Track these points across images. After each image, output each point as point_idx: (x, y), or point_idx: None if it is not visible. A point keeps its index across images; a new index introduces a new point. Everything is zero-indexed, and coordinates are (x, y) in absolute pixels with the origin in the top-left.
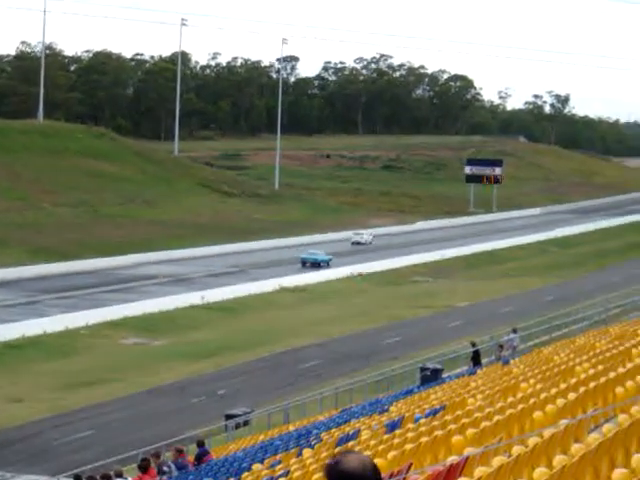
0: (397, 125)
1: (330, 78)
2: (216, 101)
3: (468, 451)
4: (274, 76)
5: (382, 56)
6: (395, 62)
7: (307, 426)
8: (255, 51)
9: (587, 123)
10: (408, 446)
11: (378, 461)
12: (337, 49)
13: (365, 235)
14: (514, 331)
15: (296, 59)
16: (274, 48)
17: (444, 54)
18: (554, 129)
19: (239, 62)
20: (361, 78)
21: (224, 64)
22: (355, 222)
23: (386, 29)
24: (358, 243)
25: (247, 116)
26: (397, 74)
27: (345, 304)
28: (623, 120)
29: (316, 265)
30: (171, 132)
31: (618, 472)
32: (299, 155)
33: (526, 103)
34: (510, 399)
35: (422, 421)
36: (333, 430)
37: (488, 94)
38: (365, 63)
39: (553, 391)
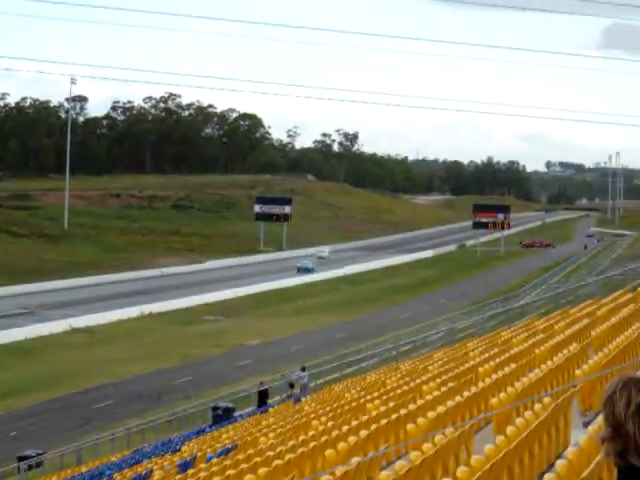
0: (186, 164)
1: (119, 118)
2: (4, 141)
3: None
4: (63, 116)
5: (170, 95)
6: (184, 101)
7: (100, 467)
8: (44, 91)
9: (376, 161)
10: None
11: None
12: (126, 89)
13: (326, 251)
14: (303, 369)
15: (85, 99)
16: (63, 88)
17: (233, 93)
18: (343, 167)
19: (28, 102)
20: (150, 117)
21: (12, 104)
22: (144, 261)
23: (175, 68)
24: (320, 257)
25: (36, 156)
26: (186, 113)
27: (136, 344)
28: (411, 157)
29: (307, 271)
30: None
31: None
32: (88, 195)
33: (315, 142)
34: (302, 437)
35: (214, 460)
36: (125, 471)
37: (277, 133)
38: (154, 102)
39: (345, 429)
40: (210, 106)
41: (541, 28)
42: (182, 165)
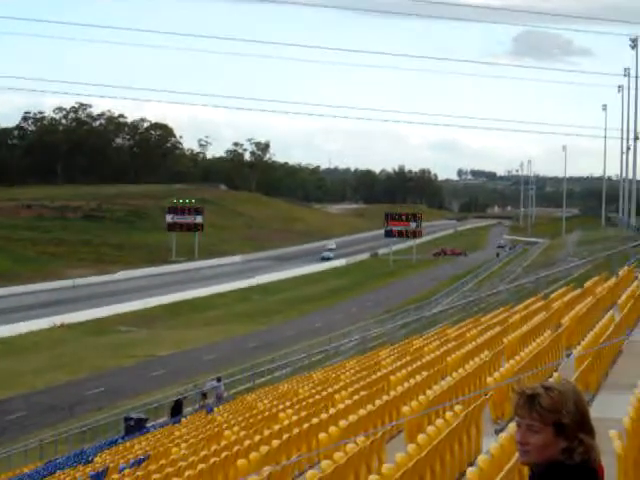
0: (97, 174)
1: (30, 128)
2: None
3: None
4: None
5: (81, 105)
6: (95, 111)
7: (12, 479)
8: None
9: (287, 170)
10: None
11: None
12: (37, 99)
13: (333, 244)
14: (218, 379)
15: None
16: None
17: (144, 103)
18: (255, 176)
19: None
20: (61, 128)
21: None
22: (55, 272)
23: (85, 77)
24: (328, 259)
25: None
26: (97, 123)
27: (48, 355)
28: (323, 166)
29: (329, 260)
30: None
31: None
32: None
33: (227, 151)
34: (214, 447)
35: (126, 471)
36: None
37: (188, 142)
38: (65, 113)
39: (257, 438)
40: (121, 116)
41: (452, 36)
42: (93, 175)
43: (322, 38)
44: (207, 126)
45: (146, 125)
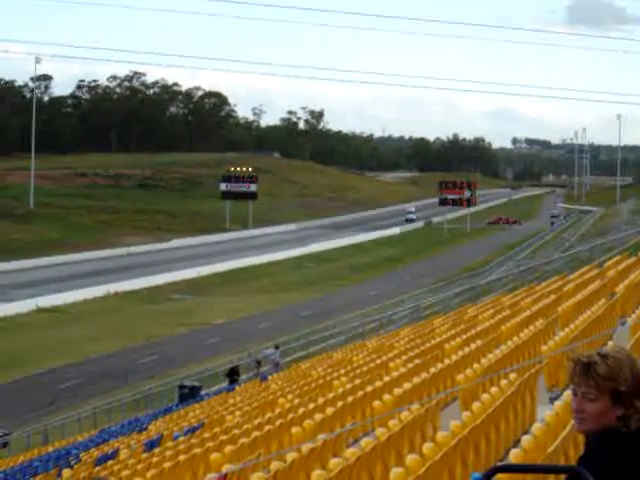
0: (151, 143)
1: (84, 97)
2: None
3: (227, 468)
4: (28, 95)
5: (135, 74)
6: (149, 80)
7: (66, 447)
8: (8, 70)
9: (341, 138)
10: (167, 464)
11: None
12: (91, 68)
13: (413, 209)
14: (276, 347)
15: (49, 78)
16: (27, 67)
17: (198, 71)
18: (309, 145)
19: None
20: (115, 96)
21: None
22: (110, 240)
23: (139, 46)
24: (411, 220)
25: (1, 135)
26: (151, 92)
27: (102, 323)
28: (377, 135)
29: (412, 221)
30: None
31: None
32: (54, 174)
33: (281, 119)
34: (268, 415)
35: (181, 439)
36: (92, 450)
37: (242, 111)
38: (119, 81)
39: (311, 406)
40: (175, 84)
41: (508, 4)
42: (147, 144)
43: (377, 6)
44: (261, 94)
45: (200, 93)
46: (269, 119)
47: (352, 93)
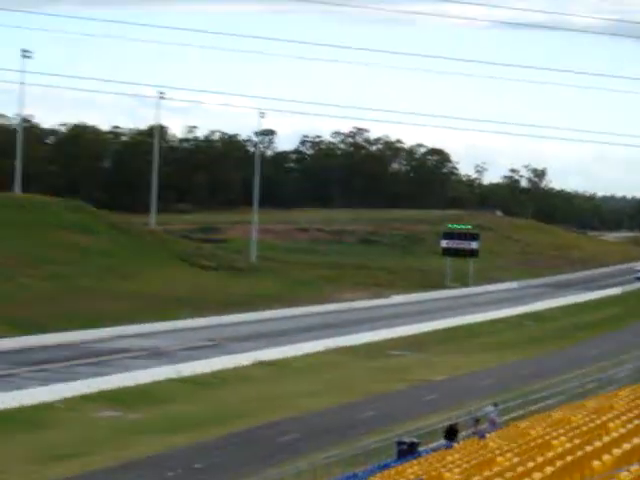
0: (374, 199)
1: (307, 152)
2: (192, 174)
3: None
4: (250, 150)
5: (359, 130)
6: (372, 136)
7: None
8: (231, 124)
9: (564, 197)
10: None
11: None
12: (314, 123)
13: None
14: (495, 405)
15: (273, 132)
16: (248, 122)
17: (420, 128)
18: (531, 203)
19: (216, 135)
20: (338, 152)
21: (201, 137)
22: (330, 296)
23: (362, 103)
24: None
25: (223, 189)
26: (374, 148)
27: (321, 378)
28: (600, 194)
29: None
30: (147, 205)
31: None
32: (275, 228)
33: (503, 177)
34: (486, 473)
35: None
36: None
37: (464, 168)
38: (342, 137)
39: (530, 465)
40: (398, 141)
41: None
42: (369, 199)
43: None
44: (483, 152)
45: (423, 150)
46: (491, 177)
47: (574, 152)
